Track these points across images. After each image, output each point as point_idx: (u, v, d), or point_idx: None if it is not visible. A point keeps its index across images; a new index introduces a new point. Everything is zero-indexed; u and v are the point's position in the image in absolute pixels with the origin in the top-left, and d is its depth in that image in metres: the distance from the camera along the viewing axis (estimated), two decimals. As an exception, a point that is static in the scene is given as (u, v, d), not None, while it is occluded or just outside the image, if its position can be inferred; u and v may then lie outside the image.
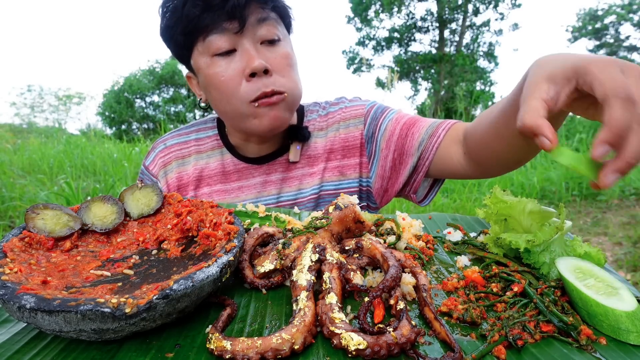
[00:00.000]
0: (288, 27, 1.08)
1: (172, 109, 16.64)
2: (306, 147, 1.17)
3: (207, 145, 1.20)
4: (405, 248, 0.77)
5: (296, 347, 0.49)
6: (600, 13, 17.24)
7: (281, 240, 0.69)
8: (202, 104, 1.13)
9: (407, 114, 1.15)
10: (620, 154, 0.51)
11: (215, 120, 1.22)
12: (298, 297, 0.56)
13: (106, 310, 0.46)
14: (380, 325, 0.52)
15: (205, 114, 1.26)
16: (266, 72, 0.97)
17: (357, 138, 1.15)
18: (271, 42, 1.00)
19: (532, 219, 0.73)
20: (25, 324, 0.55)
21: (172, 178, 1.19)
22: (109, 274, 0.62)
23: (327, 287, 0.58)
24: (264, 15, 0.98)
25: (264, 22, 0.98)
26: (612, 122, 0.51)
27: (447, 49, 15.79)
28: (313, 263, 0.62)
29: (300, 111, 1.22)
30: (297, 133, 1.14)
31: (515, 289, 0.64)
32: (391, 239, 0.76)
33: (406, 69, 16.10)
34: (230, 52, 0.97)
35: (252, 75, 0.96)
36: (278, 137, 1.15)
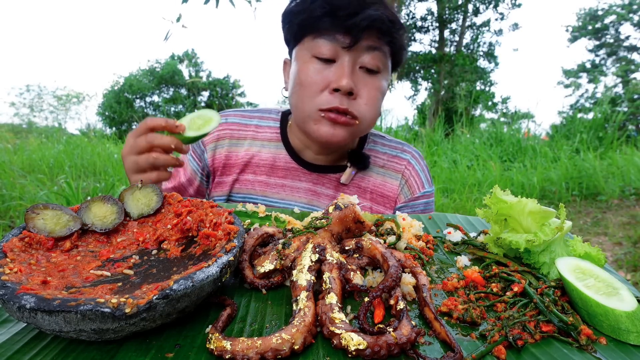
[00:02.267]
0: (394, 65, 1.11)
1: (172, 109, 16.66)
2: (360, 175, 1.20)
3: (265, 135, 1.21)
4: (406, 248, 0.77)
5: (296, 347, 0.49)
6: (600, 13, 17.25)
7: (281, 241, 0.69)
8: (284, 93, 1.16)
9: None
10: None
11: (280, 114, 1.23)
12: (298, 297, 0.56)
13: (106, 310, 0.46)
14: (380, 325, 0.52)
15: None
16: (350, 94, 1.00)
17: (393, 203, 1.20)
18: (370, 71, 1.02)
19: (532, 219, 0.73)
20: (25, 324, 0.55)
21: (221, 154, 1.20)
22: (109, 274, 0.62)
23: (327, 287, 0.58)
24: (377, 45, 1.00)
25: (373, 50, 1.00)
26: None
27: (447, 49, 15.78)
28: (313, 263, 0.62)
29: (363, 136, 1.24)
30: (359, 160, 1.17)
31: (515, 289, 0.64)
32: (391, 239, 0.76)
33: (406, 69, 16.09)
34: (329, 61, 1.00)
35: (336, 90, 0.99)
36: (336, 154, 1.17)
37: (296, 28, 1.03)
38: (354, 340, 0.48)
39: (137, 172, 0.89)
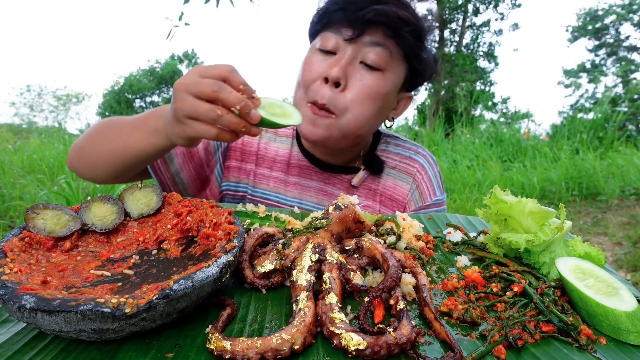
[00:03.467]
0: (414, 73, 1.05)
1: (172, 109, 16.63)
2: (372, 176, 1.17)
3: (283, 129, 1.18)
4: (406, 248, 0.77)
5: (296, 347, 0.49)
6: (600, 13, 17.25)
7: (281, 241, 0.69)
8: None
9: None
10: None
11: None
12: (298, 297, 0.56)
13: (106, 310, 0.46)
14: (380, 326, 0.52)
15: None
16: (338, 85, 0.97)
17: (402, 208, 1.16)
18: (370, 67, 0.98)
19: (532, 219, 0.73)
20: (25, 324, 0.55)
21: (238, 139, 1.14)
22: (109, 274, 0.62)
23: (327, 287, 0.58)
24: (381, 42, 0.97)
25: (377, 46, 0.96)
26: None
27: (447, 49, 15.78)
28: (313, 263, 0.62)
29: (376, 136, 1.20)
30: (372, 163, 1.15)
31: (515, 289, 0.64)
32: (391, 239, 0.76)
33: (406, 69, 16.04)
34: (330, 53, 0.99)
35: (326, 80, 0.97)
36: (347, 155, 1.14)
37: (313, 26, 1.05)
38: (354, 340, 0.48)
39: (192, 119, 0.75)
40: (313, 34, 1.07)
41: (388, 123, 1.14)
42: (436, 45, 1.17)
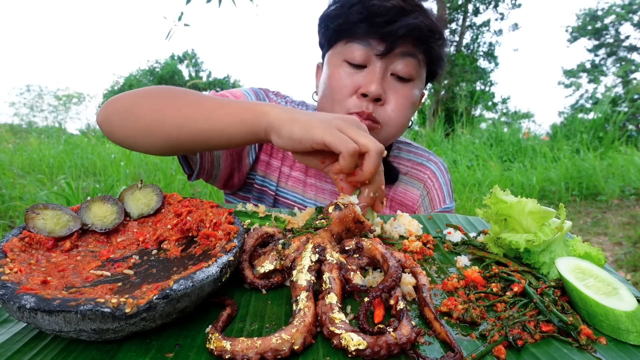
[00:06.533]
0: (431, 75, 1.09)
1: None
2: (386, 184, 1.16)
3: None
4: (404, 250, 0.76)
5: (296, 347, 0.49)
6: (600, 13, 17.25)
7: (281, 241, 0.69)
8: (315, 97, 1.14)
9: None
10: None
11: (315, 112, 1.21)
12: (298, 298, 0.56)
13: (106, 310, 0.46)
14: (380, 326, 0.52)
15: None
16: (378, 100, 0.98)
17: (411, 213, 1.16)
18: (401, 79, 1.00)
19: (532, 219, 0.73)
20: (25, 324, 0.55)
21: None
22: (109, 274, 0.62)
23: (327, 287, 0.58)
24: (411, 52, 0.98)
25: (407, 57, 0.98)
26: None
27: (447, 49, 15.77)
28: (313, 263, 0.62)
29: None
30: (389, 174, 1.14)
31: (515, 289, 0.64)
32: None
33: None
34: (360, 66, 0.99)
35: (365, 95, 0.98)
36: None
37: (331, 32, 1.02)
38: (354, 341, 0.48)
39: (334, 129, 0.72)
40: (330, 42, 1.04)
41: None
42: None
